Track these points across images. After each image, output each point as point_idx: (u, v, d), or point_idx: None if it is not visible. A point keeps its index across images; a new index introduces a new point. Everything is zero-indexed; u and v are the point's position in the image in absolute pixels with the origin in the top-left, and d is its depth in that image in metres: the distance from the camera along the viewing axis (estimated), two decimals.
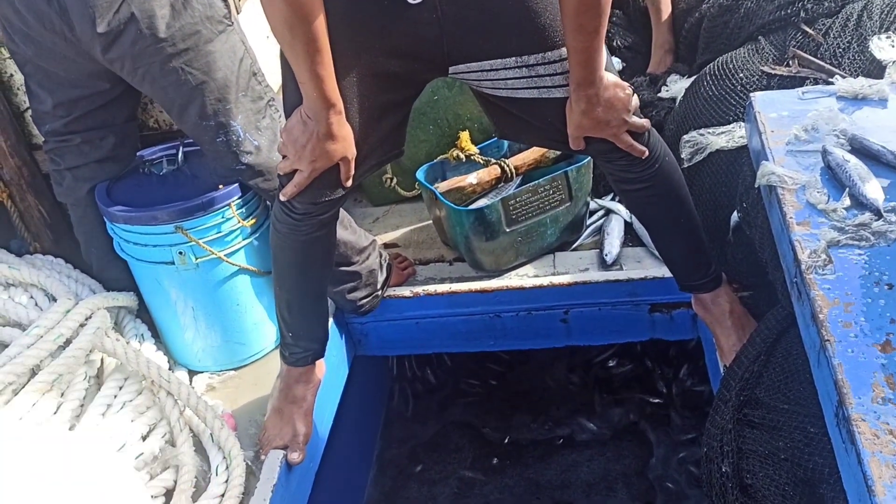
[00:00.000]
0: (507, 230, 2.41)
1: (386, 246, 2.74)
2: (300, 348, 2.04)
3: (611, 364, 3.29)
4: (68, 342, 1.99)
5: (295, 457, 2.03)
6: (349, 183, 1.67)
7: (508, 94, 1.62)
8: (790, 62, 2.14)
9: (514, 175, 2.53)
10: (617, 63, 2.94)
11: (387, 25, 1.52)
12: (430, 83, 1.81)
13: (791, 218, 1.54)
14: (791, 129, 1.76)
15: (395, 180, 2.89)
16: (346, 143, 1.59)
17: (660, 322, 2.39)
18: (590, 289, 2.36)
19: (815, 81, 2.05)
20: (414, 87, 1.70)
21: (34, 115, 2.22)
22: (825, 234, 1.48)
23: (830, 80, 1.99)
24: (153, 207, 2.10)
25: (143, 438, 1.98)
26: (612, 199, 2.68)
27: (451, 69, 1.61)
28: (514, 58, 1.56)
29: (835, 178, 1.60)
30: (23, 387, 1.87)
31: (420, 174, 2.59)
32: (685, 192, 1.85)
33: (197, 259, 2.14)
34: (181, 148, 2.29)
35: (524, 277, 2.47)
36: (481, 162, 2.59)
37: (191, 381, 2.31)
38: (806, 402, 1.48)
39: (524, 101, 1.61)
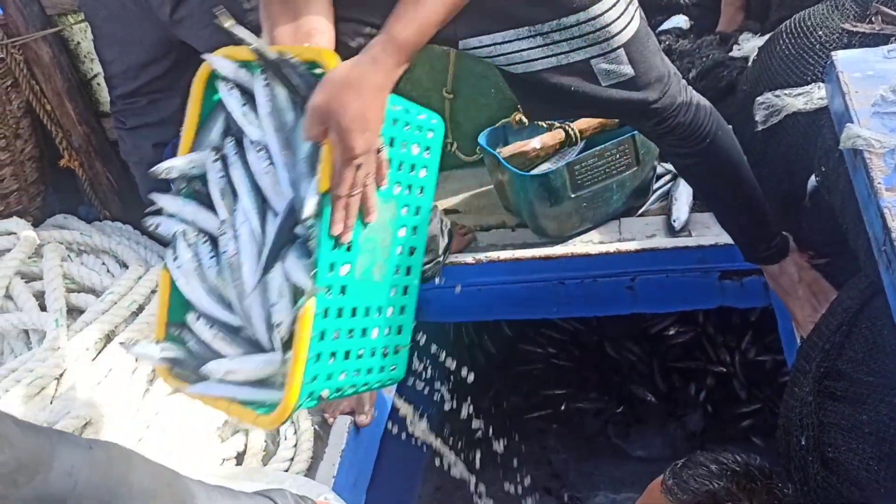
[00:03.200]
0: (572, 196, 2.37)
1: (446, 212, 2.72)
2: None
3: (671, 332, 3.24)
4: (141, 308, 2.02)
5: (363, 419, 2.05)
6: None
7: (525, 69, 1.55)
8: (873, 18, 2.04)
9: (579, 139, 2.47)
10: (684, 21, 2.85)
11: None
12: None
13: (879, 183, 1.47)
14: (877, 89, 1.68)
15: (455, 145, 2.86)
16: None
17: (730, 289, 2.33)
18: (657, 255, 2.31)
19: None
20: None
21: (106, 78, 2.25)
22: None
23: None
24: None
25: None
26: None
27: (461, 44, 1.55)
28: (526, 27, 1.50)
29: None
30: (99, 352, 1.91)
31: (482, 139, 2.56)
32: (742, 166, 1.81)
33: None
34: None
35: (589, 244, 2.43)
36: (544, 126, 2.54)
37: None
38: (892, 374, 1.43)
39: (544, 73, 1.55)
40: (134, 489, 0.87)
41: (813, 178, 2.00)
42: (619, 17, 1.51)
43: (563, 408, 3.18)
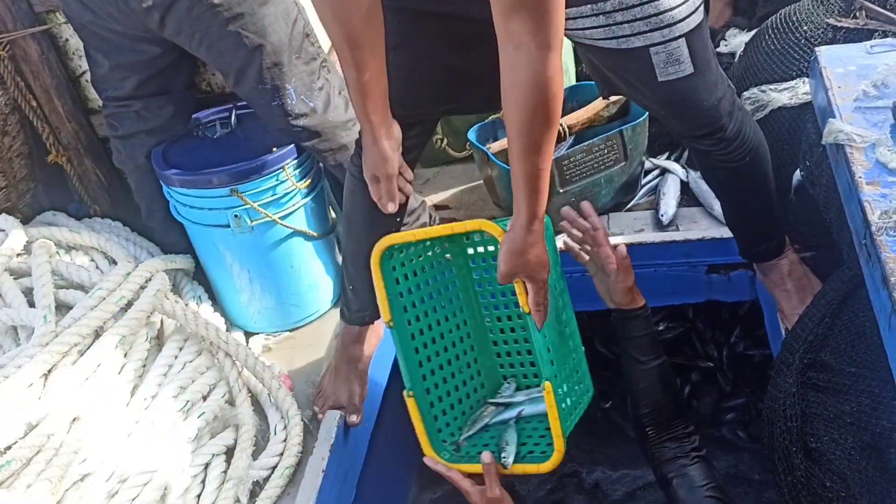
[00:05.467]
0: (561, 191, 2.38)
1: (437, 207, 2.73)
2: (358, 304, 2.03)
3: (661, 328, 3.26)
4: (130, 304, 2.02)
5: (354, 419, 2.05)
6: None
7: (592, 43, 1.54)
8: (857, 13, 2.05)
9: (568, 134, 2.49)
10: None
11: None
12: None
13: (860, 178, 1.49)
14: (859, 84, 1.70)
15: (445, 141, 2.87)
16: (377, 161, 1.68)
17: (717, 283, 2.35)
18: (645, 250, 2.33)
19: (885, 34, 1.97)
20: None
21: (93, 78, 2.25)
22: None
23: None
24: (208, 171, 2.12)
25: (204, 398, 2.02)
26: (668, 159, 2.63)
27: None
28: (589, 6, 1.48)
29: None
30: (88, 347, 1.92)
31: (471, 134, 2.57)
32: (769, 178, 1.82)
33: (252, 222, 2.16)
34: (234, 111, 2.30)
35: None
36: None
37: (247, 343, 2.35)
38: (874, 365, 1.44)
39: (605, 53, 1.55)
40: None
41: (798, 172, 2.02)
42: (683, 3, 1.48)
43: None
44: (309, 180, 2.22)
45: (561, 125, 2.47)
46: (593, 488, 2.88)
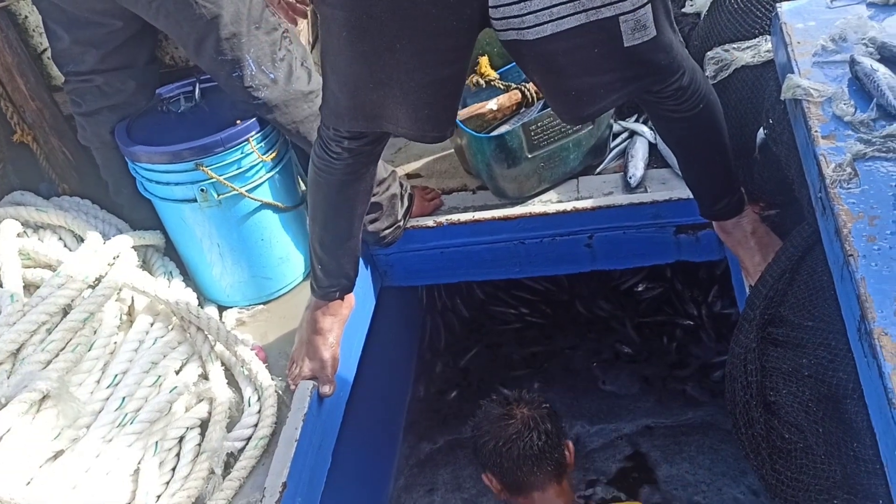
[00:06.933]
0: (529, 156, 2.38)
1: (409, 176, 2.73)
2: (328, 282, 2.06)
3: (639, 288, 3.29)
4: (98, 281, 2.02)
5: (326, 389, 2.06)
6: None
7: (554, 30, 1.49)
8: None
9: (536, 99, 2.47)
10: None
11: None
12: None
13: (816, 132, 1.49)
14: (818, 39, 1.70)
15: None
16: None
17: (686, 244, 2.36)
18: (614, 212, 2.33)
19: None
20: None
21: (53, 53, 2.22)
22: (851, 147, 1.43)
23: None
24: (173, 146, 2.10)
25: (177, 373, 2.03)
26: (637, 121, 2.62)
27: (490, 1, 1.50)
28: None
29: (863, 89, 1.54)
30: (56, 326, 1.91)
31: None
32: (724, 132, 1.83)
33: (219, 196, 2.15)
34: (198, 85, 2.28)
35: (548, 203, 2.44)
36: (501, 87, 2.54)
37: (221, 317, 2.35)
38: (831, 318, 1.46)
39: (569, 33, 1.50)
40: None
41: (761, 130, 2.02)
42: None
43: (544, 365, 3.24)
44: (274, 153, 2.21)
45: (528, 90, 2.46)
46: (573, 441, 2.96)
